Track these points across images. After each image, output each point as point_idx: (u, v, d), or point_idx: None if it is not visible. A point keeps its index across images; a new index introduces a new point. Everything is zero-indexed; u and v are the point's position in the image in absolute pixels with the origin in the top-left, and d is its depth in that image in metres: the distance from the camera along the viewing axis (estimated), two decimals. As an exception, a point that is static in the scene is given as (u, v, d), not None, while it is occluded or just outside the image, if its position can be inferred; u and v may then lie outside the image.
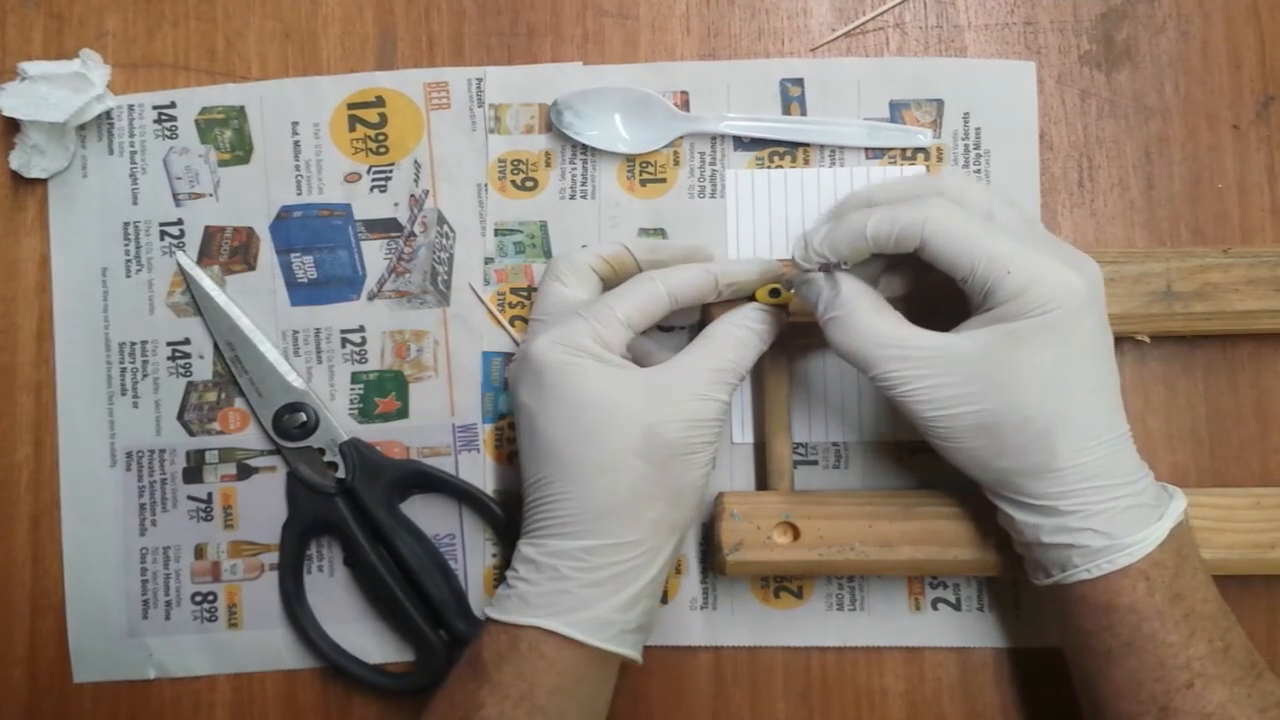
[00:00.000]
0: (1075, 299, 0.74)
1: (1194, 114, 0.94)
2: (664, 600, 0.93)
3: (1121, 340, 0.91)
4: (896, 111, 0.94)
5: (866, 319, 0.78)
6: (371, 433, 0.95)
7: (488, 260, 0.95)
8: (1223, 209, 0.94)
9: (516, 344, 0.94)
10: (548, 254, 0.95)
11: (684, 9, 0.96)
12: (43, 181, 0.96)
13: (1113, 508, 0.75)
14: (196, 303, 0.95)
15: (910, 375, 0.77)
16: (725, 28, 0.96)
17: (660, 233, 0.95)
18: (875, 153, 0.94)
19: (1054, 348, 0.74)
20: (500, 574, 0.94)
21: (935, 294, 0.80)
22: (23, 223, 0.97)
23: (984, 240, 0.75)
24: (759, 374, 0.91)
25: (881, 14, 0.95)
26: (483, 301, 0.94)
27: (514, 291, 0.95)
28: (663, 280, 0.83)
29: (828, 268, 0.81)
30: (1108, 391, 0.78)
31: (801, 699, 0.93)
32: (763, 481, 0.93)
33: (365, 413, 0.95)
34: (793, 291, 0.85)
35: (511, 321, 0.95)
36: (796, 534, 0.86)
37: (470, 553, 0.95)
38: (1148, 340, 0.91)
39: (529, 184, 0.95)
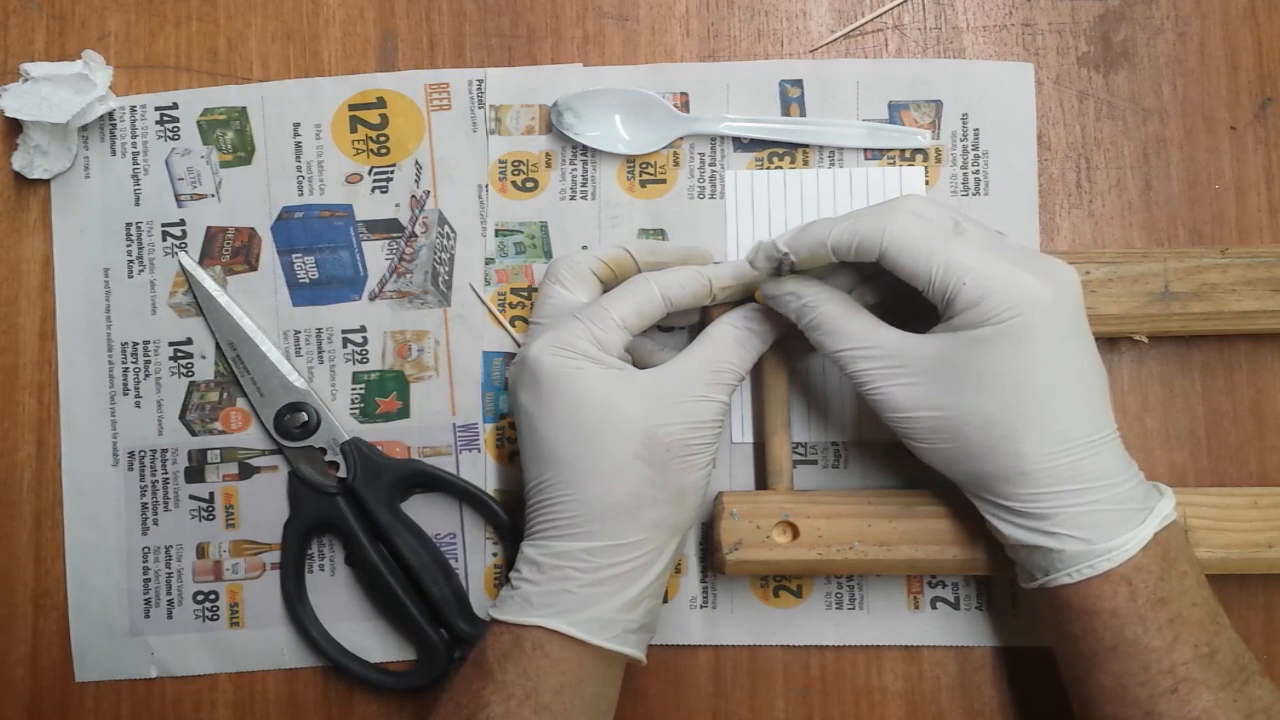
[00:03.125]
0: (1035, 306, 0.74)
1: (1191, 115, 0.95)
2: (664, 599, 0.93)
3: (1119, 340, 0.92)
4: (895, 113, 0.95)
5: (836, 320, 0.81)
6: (372, 432, 0.95)
7: (488, 261, 0.95)
8: (1220, 210, 0.94)
9: (518, 344, 0.94)
10: (548, 254, 0.95)
11: (684, 10, 0.97)
12: (45, 182, 0.97)
13: (1091, 511, 0.76)
14: (198, 303, 0.95)
15: (875, 374, 0.79)
16: (725, 29, 0.96)
17: (660, 233, 0.95)
18: (874, 154, 0.94)
19: (1015, 354, 0.75)
20: (501, 573, 0.94)
21: (915, 301, 0.81)
22: (25, 223, 0.97)
23: (941, 251, 0.76)
24: (758, 374, 0.91)
25: (880, 15, 0.96)
26: (484, 302, 0.94)
27: (515, 292, 0.95)
28: (656, 282, 0.84)
29: (780, 269, 0.83)
30: (1082, 395, 0.77)
31: (801, 698, 0.93)
32: (762, 481, 0.93)
33: (366, 412, 0.95)
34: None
35: (512, 322, 0.95)
36: (795, 533, 0.86)
37: (471, 552, 0.95)
38: (1145, 340, 0.91)
39: (529, 184, 0.95)
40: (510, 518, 0.93)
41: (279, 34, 0.98)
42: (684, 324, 0.94)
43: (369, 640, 0.95)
